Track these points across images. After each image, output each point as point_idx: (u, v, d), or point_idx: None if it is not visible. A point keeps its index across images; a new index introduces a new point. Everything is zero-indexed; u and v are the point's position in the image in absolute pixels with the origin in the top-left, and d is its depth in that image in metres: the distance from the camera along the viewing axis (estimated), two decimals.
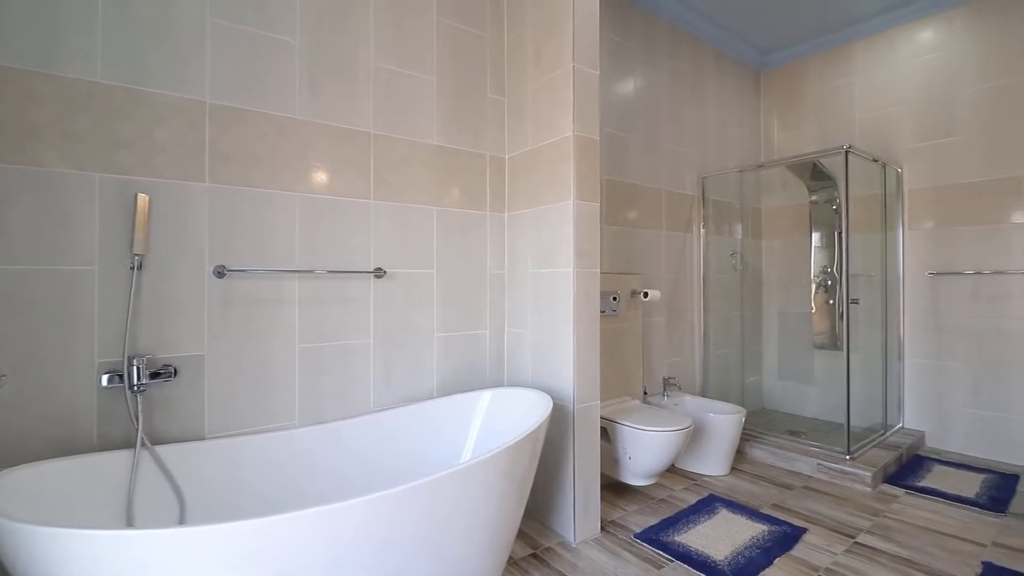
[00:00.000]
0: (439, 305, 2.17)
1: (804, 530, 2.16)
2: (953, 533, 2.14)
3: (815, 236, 3.71)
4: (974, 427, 3.08)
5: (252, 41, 1.72)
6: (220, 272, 1.64)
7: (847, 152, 2.85)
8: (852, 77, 3.63)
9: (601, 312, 2.65)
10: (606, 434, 2.47)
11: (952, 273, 3.16)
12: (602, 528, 2.15)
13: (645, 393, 3.05)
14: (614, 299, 2.76)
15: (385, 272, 2.00)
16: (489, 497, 1.42)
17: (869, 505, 2.41)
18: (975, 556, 1.95)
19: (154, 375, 1.53)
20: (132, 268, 1.51)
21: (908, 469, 2.85)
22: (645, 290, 2.88)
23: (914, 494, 2.54)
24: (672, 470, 2.84)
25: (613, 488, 2.56)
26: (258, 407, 1.72)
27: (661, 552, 1.97)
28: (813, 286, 3.68)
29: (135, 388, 1.48)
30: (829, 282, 3.57)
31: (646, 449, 2.34)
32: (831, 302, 3.57)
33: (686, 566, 1.88)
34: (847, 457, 2.74)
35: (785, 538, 2.08)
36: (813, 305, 3.70)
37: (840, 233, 3.00)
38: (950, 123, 3.19)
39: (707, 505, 2.39)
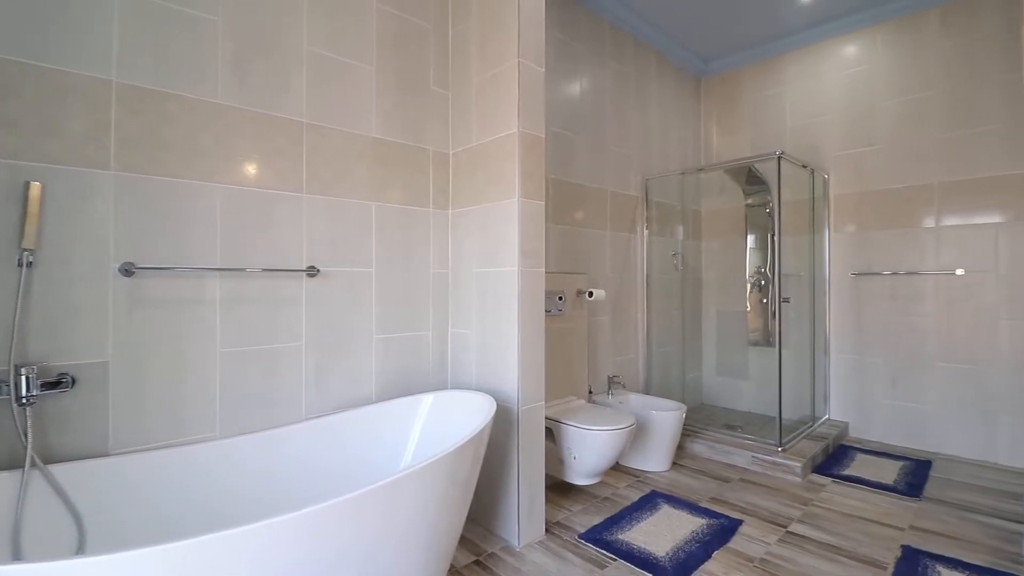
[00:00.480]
0: (378, 305, 2.08)
1: (740, 522, 2.22)
2: (875, 519, 2.27)
3: (750, 238, 3.87)
4: (892, 417, 3.30)
5: (168, 16, 1.57)
6: (128, 270, 1.48)
7: (779, 158, 2.98)
8: (784, 87, 3.81)
9: (547, 312, 2.63)
10: (551, 434, 2.45)
11: (872, 273, 3.38)
12: (547, 530, 2.13)
13: (590, 392, 3.07)
14: (560, 299, 2.75)
15: (318, 271, 1.88)
16: (426, 507, 1.35)
17: (799, 495, 2.52)
18: (895, 540, 2.08)
19: (48, 385, 1.36)
20: (21, 265, 1.33)
21: (834, 459, 3.01)
22: (590, 289, 2.89)
23: (840, 482, 2.68)
24: (616, 468, 2.87)
25: (558, 488, 2.55)
26: (173, 418, 1.57)
27: (604, 551, 1.97)
28: (748, 286, 3.84)
29: (24, 400, 1.31)
30: (763, 282, 3.73)
31: (590, 449, 2.34)
32: (764, 301, 3.74)
33: (629, 564, 1.88)
34: (779, 449, 2.87)
35: (723, 531, 2.14)
36: (748, 304, 3.86)
37: (773, 235, 3.14)
38: (871, 133, 3.40)
39: (649, 501, 2.42)
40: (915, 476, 2.73)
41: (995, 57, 2.94)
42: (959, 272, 3.05)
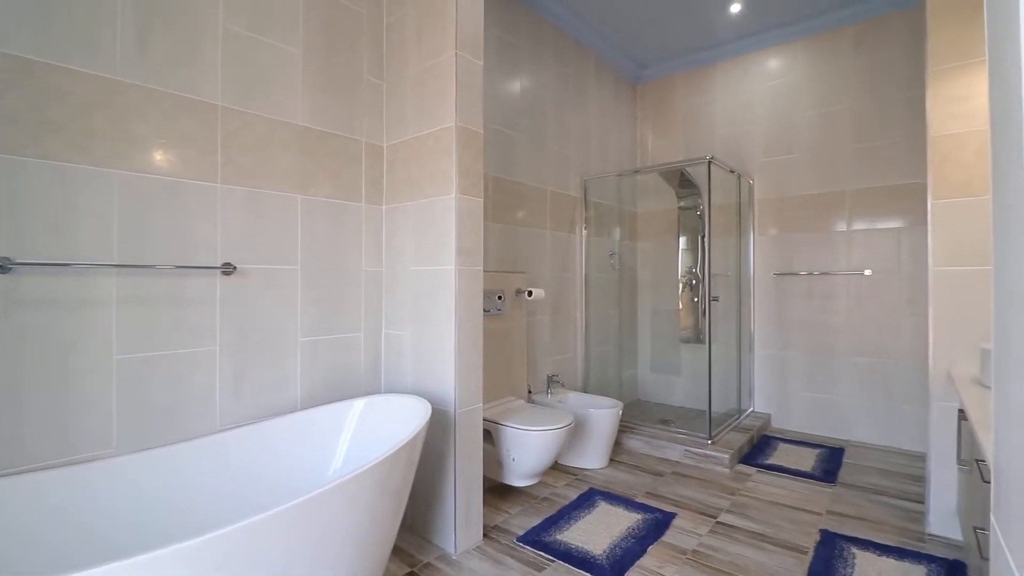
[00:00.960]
0: (304, 306, 1.94)
1: (674, 515, 2.28)
2: (796, 505, 2.39)
3: (682, 239, 4.00)
4: (809, 408, 3.53)
5: None
6: (2, 266, 1.28)
7: (710, 162, 3.10)
8: (714, 95, 3.97)
9: (486, 311, 2.59)
10: (490, 436, 2.41)
11: (791, 274, 3.59)
12: (485, 535, 2.08)
13: (530, 392, 3.05)
14: (499, 298, 2.71)
15: (235, 268, 1.73)
16: (349, 523, 1.26)
17: (728, 485, 2.62)
18: (814, 525, 2.20)
19: None
20: None
21: (758, 449, 3.17)
22: (530, 289, 2.87)
23: (764, 471, 2.82)
24: (555, 467, 2.87)
25: (497, 491, 2.51)
26: (60, 434, 1.37)
27: (543, 553, 1.95)
28: (680, 285, 3.98)
29: None
30: (694, 281, 3.87)
31: (529, 449, 2.32)
32: (695, 300, 3.88)
33: (567, 565, 1.87)
34: (709, 442, 2.97)
35: (657, 525, 2.18)
36: (680, 303, 3.99)
37: (703, 237, 3.26)
38: (790, 142, 3.61)
39: (587, 499, 2.43)
40: (830, 463, 2.92)
41: (899, 75, 3.20)
42: (867, 272, 3.30)
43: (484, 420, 2.37)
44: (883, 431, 3.24)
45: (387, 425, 1.84)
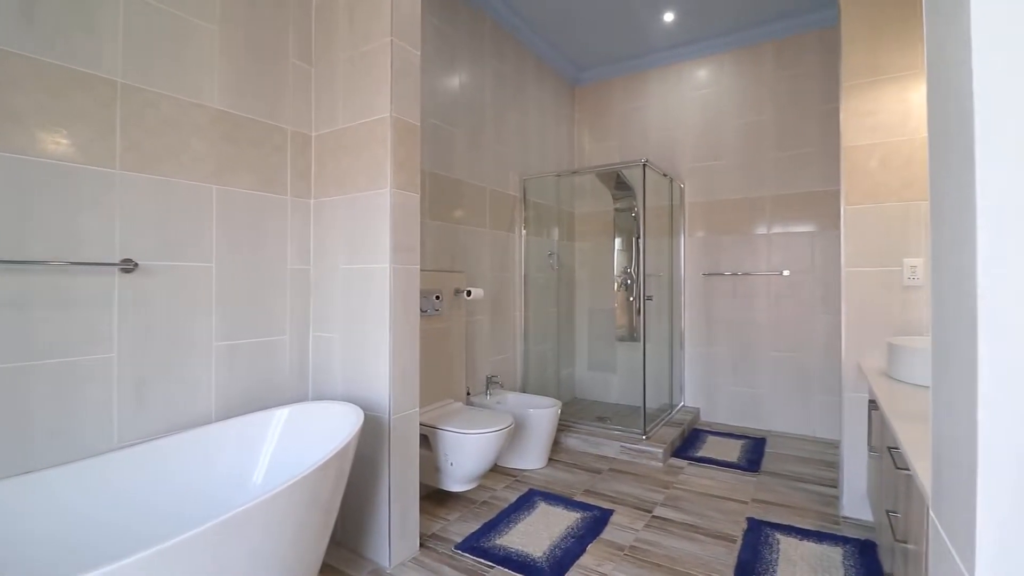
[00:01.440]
0: (220, 307, 1.77)
1: (612, 512, 2.30)
2: (724, 495, 2.49)
3: (617, 240, 4.09)
4: (734, 402, 3.71)
5: None
6: None
7: (644, 165, 3.18)
8: (648, 100, 4.09)
9: (423, 312, 2.50)
10: (427, 441, 2.32)
11: (718, 274, 3.77)
12: (422, 544, 2.00)
13: (468, 394, 2.99)
14: (437, 298, 2.63)
15: (137, 265, 1.54)
16: (267, 546, 1.15)
17: (661, 479, 2.70)
18: (741, 513, 2.30)
19: None
20: None
21: (689, 442, 3.29)
22: (469, 288, 2.81)
23: (694, 463, 2.93)
24: (495, 469, 2.82)
25: (434, 497, 2.43)
26: None
27: (482, 559, 1.90)
28: (616, 285, 4.06)
29: None
30: (629, 281, 3.96)
31: (468, 453, 2.26)
32: (631, 299, 3.98)
33: (507, 570, 1.83)
34: (644, 437, 3.05)
35: (596, 523, 2.19)
36: (616, 302, 4.08)
37: (638, 238, 3.34)
38: (718, 149, 3.79)
39: (527, 501, 2.41)
40: (754, 453, 3.08)
41: (815, 90, 3.44)
42: (785, 273, 3.52)
43: (421, 425, 2.29)
44: (800, 421, 3.47)
45: (315, 435, 1.71)
